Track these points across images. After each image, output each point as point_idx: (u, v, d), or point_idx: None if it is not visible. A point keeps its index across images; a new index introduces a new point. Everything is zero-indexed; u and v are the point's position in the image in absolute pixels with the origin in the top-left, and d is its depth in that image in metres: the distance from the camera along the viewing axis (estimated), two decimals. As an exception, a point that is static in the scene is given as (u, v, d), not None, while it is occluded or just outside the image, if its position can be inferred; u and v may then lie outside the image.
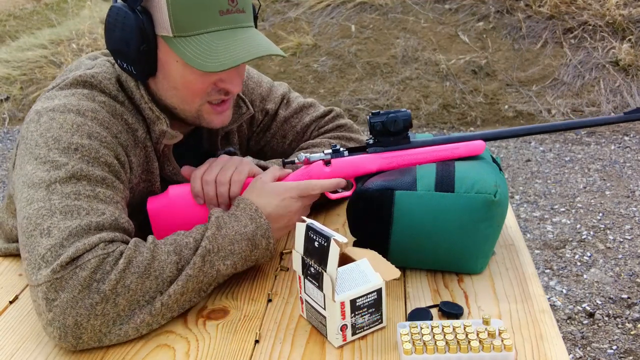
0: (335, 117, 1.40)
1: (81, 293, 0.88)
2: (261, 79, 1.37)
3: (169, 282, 0.94)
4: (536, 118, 4.31)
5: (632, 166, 3.66)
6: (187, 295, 0.97)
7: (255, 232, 1.02)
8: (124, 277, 0.91)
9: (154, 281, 0.93)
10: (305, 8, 5.49)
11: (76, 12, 6.68)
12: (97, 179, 0.98)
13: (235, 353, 0.92)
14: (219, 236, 0.99)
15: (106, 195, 0.98)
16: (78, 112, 1.02)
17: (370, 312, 0.93)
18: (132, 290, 0.91)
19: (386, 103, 4.53)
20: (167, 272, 0.94)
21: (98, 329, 0.90)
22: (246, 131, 1.36)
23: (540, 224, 3.08)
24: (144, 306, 0.93)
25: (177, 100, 1.09)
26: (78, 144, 0.99)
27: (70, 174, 0.96)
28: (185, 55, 1.00)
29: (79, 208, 0.94)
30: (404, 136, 1.12)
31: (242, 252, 1.01)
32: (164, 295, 0.94)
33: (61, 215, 0.93)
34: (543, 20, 4.94)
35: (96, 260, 0.90)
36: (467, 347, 0.85)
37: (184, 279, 0.95)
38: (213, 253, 0.98)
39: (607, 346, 2.22)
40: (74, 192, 0.95)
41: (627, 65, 4.49)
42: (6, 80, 5.39)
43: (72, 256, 0.89)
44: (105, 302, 0.89)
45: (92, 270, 0.89)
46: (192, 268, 0.96)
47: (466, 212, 1.01)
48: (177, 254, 0.96)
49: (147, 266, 0.93)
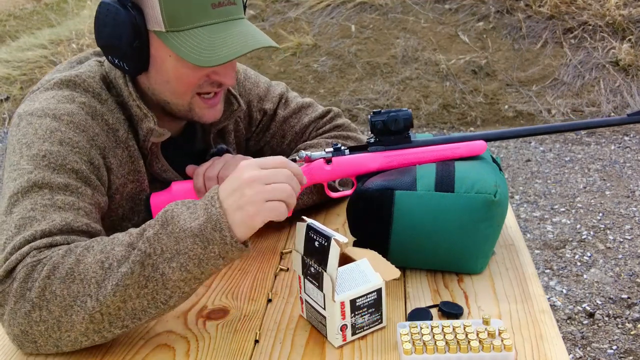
0: (334, 118, 1.40)
1: (17, 304, 0.88)
2: (258, 79, 1.37)
3: (96, 284, 0.86)
4: (536, 118, 4.31)
5: (632, 166, 3.66)
6: (132, 303, 0.87)
7: (205, 226, 0.85)
8: (50, 284, 0.87)
9: (79, 284, 0.87)
10: (305, 8, 5.49)
11: (76, 12, 6.69)
12: (59, 186, 0.98)
13: (235, 353, 0.92)
14: (163, 235, 0.86)
15: (65, 202, 0.97)
16: (54, 116, 1.03)
17: (370, 312, 0.93)
18: (60, 296, 0.87)
19: (386, 103, 4.53)
20: (91, 273, 0.87)
21: (46, 335, 0.89)
22: (244, 131, 1.36)
23: (540, 224, 3.08)
24: (78, 312, 0.87)
25: (170, 94, 1.09)
26: (47, 151, 0.99)
27: (32, 182, 0.97)
28: (180, 50, 1.00)
29: (32, 219, 0.94)
30: (405, 135, 1.12)
31: (191, 251, 0.85)
32: (94, 300, 0.86)
33: (15, 230, 0.93)
34: (543, 20, 4.94)
35: (25, 269, 0.89)
36: (467, 347, 0.85)
37: (115, 286, 0.86)
38: (156, 255, 0.86)
39: (607, 346, 2.22)
40: (31, 203, 0.95)
41: (627, 65, 4.49)
42: (6, 80, 5.39)
43: (7, 268, 0.90)
44: (38, 310, 0.87)
45: (21, 280, 0.88)
46: (129, 276, 0.85)
47: (466, 212, 1.01)
48: (104, 252, 0.88)
49: (70, 270, 0.88)
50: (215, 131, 1.27)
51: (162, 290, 0.87)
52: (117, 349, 0.94)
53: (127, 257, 0.87)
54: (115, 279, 0.86)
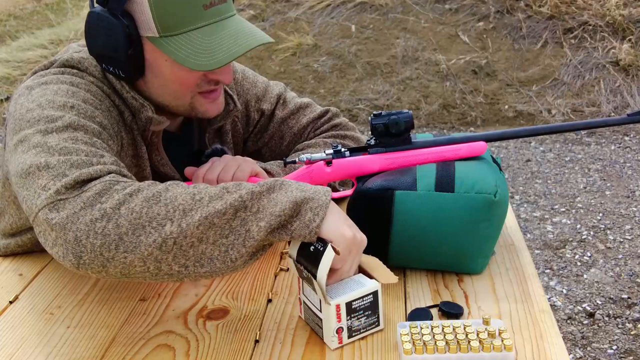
0: (332, 118, 1.40)
1: (82, 210, 0.83)
2: (256, 78, 1.37)
3: (182, 212, 0.83)
4: (536, 118, 4.31)
5: (632, 166, 3.66)
6: (205, 246, 0.84)
7: (306, 200, 0.87)
8: (129, 200, 0.83)
9: (162, 207, 0.84)
10: (305, 8, 5.49)
11: (76, 12, 6.69)
12: (94, 131, 0.97)
13: (235, 353, 0.92)
14: (264, 198, 0.87)
15: (103, 147, 0.96)
16: (71, 83, 1.03)
17: (367, 314, 0.92)
18: (137, 213, 0.83)
19: (386, 103, 4.53)
20: (180, 199, 0.84)
21: (99, 251, 0.82)
22: (242, 131, 1.35)
23: (541, 224, 3.08)
24: (151, 233, 0.82)
25: (169, 97, 1.09)
26: (74, 103, 0.98)
27: (67, 123, 0.94)
28: (176, 55, 1.00)
29: (78, 150, 0.90)
30: (405, 137, 1.12)
31: (283, 214, 0.86)
32: (175, 226, 0.83)
33: (60, 155, 0.89)
34: (543, 20, 4.94)
35: (103, 184, 0.85)
36: (467, 347, 0.85)
37: (203, 219, 0.83)
38: (250, 212, 0.85)
39: (607, 346, 2.22)
40: (71, 138, 0.92)
41: (627, 65, 4.49)
42: (6, 80, 5.39)
43: (77, 179, 0.85)
44: (106, 220, 0.82)
45: (97, 192, 0.84)
46: (220, 216, 0.84)
47: (466, 212, 1.01)
48: (195, 187, 0.87)
49: (157, 193, 0.85)
50: (211, 131, 1.26)
51: (238, 247, 0.85)
52: (117, 349, 0.94)
53: (220, 196, 0.85)
54: (205, 212, 0.84)
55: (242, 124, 1.35)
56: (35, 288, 1.13)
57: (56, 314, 1.05)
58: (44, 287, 1.13)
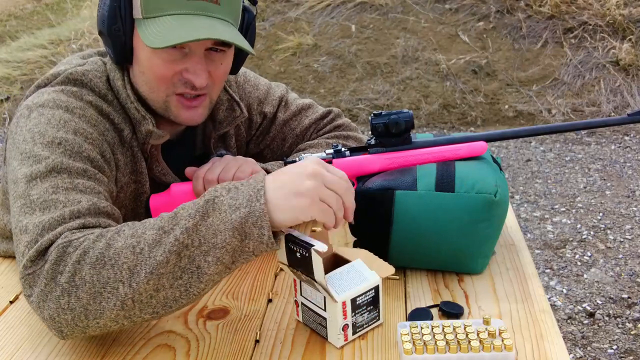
0: (334, 118, 1.40)
1: (47, 286, 0.86)
2: (258, 81, 1.36)
3: (128, 271, 0.84)
4: (536, 118, 4.31)
5: (633, 166, 3.66)
6: (165, 292, 0.85)
7: (245, 220, 0.83)
8: (79, 269, 0.85)
9: (110, 270, 0.84)
10: (305, 8, 5.49)
11: (76, 12, 6.69)
12: (78, 171, 0.98)
13: (236, 353, 0.92)
14: (202, 227, 0.84)
15: (86, 186, 0.97)
16: (67, 108, 1.03)
17: (369, 309, 0.93)
18: (89, 282, 0.84)
19: (386, 103, 4.53)
20: (122, 258, 0.84)
21: (73, 323, 0.86)
22: (244, 134, 1.35)
23: (541, 223, 3.08)
24: (109, 298, 0.84)
25: (146, 87, 1.09)
26: (62, 138, 0.99)
27: (51, 167, 0.96)
28: (145, 35, 1.01)
29: (56, 202, 0.93)
30: (405, 137, 1.11)
31: (228, 245, 0.84)
32: (127, 286, 0.84)
33: (40, 212, 0.92)
34: (543, 20, 4.94)
35: (57, 251, 0.87)
36: (467, 347, 0.85)
37: (149, 274, 0.84)
38: (193, 247, 0.84)
39: (608, 346, 2.22)
40: (52, 186, 0.95)
41: (627, 65, 4.49)
42: (6, 80, 5.39)
43: (39, 249, 0.88)
44: (67, 295, 0.85)
45: (53, 262, 0.86)
46: (164, 265, 0.83)
47: (466, 212, 1.01)
48: (135, 236, 0.86)
49: (101, 254, 0.85)
50: (216, 137, 1.27)
51: (196, 283, 0.85)
52: (117, 349, 0.94)
53: (159, 242, 0.84)
54: (149, 266, 0.84)
55: (244, 127, 1.34)
56: (35, 288, 1.13)
57: (56, 314, 1.05)
58: (44, 287, 1.13)
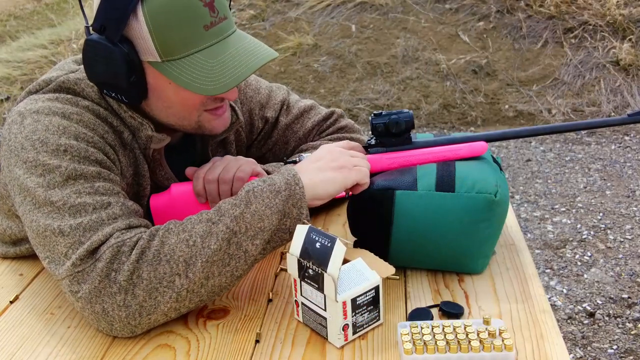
0: (337, 120, 1.39)
1: (102, 283, 0.91)
2: (259, 85, 1.35)
3: (184, 263, 0.91)
4: (536, 118, 4.31)
5: (633, 166, 3.66)
6: (213, 280, 0.93)
7: (287, 202, 0.95)
8: (138, 268, 0.91)
9: (166, 265, 0.91)
10: (305, 8, 5.49)
11: (76, 12, 6.69)
12: (93, 175, 0.98)
13: (236, 353, 0.92)
14: (247, 214, 0.93)
15: (105, 188, 0.98)
16: (63, 115, 1.01)
17: (370, 309, 0.93)
18: (147, 279, 0.91)
19: (386, 103, 4.53)
20: (178, 252, 0.91)
21: (126, 321, 0.92)
22: (245, 139, 1.34)
23: (541, 223, 3.08)
24: (165, 292, 0.91)
25: (175, 118, 1.07)
26: (67, 145, 0.98)
27: (66, 176, 0.96)
28: (180, 79, 0.98)
29: (85, 205, 0.95)
30: (406, 137, 1.11)
31: (272, 225, 0.95)
32: (183, 278, 0.91)
33: (70, 216, 0.94)
34: (543, 20, 4.94)
35: (111, 250, 0.91)
36: (467, 347, 0.85)
37: (204, 263, 0.92)
38: (240, 234, 0.93)
39: (608, 346, 2.22)
40: (74, 192, 0.95)
41: (627, 65, 4.49)
42: (6, 80, 5.39)
43: (89, 249, 0.92)
44: (124, 293, 0.91)
45: (108, 261, 0.91)
46: (217, 253, 0.92)
47: (467, 212, 1.01)
48: (185, 231, 0.93)
49: (157, 252, 0.92)
50: (214, 143, 1.25)
51: (242, 266, 0.95)
52: (117, 349, 0.94)
53: (209, 233, 0.92)
54: (205, 256, 0.92)
55: (245, 132, 1.33)
56: (35, 288, 1.13)
57: (56, 314, 1.05)
58: (45, 287, 1.13)
